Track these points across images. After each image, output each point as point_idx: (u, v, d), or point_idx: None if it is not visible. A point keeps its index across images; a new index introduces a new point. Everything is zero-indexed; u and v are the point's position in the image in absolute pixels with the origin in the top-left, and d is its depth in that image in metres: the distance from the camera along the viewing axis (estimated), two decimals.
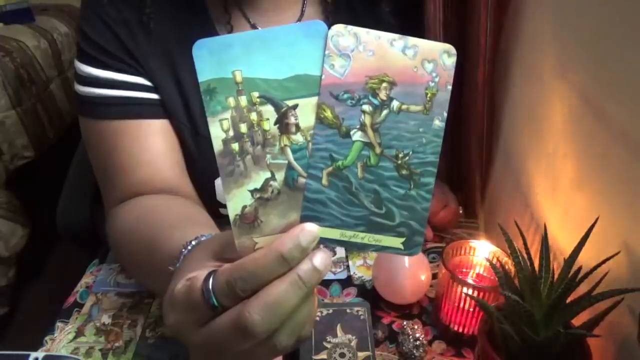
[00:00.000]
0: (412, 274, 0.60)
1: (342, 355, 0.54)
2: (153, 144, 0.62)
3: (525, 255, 0.45)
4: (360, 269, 0.70)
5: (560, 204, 0.54)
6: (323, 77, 0.30)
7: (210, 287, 0.31)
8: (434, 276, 0.64)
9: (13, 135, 1.54)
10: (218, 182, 0.66)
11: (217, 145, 0.31)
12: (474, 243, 0.60)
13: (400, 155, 0.31)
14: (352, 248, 0.31)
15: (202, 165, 0.66)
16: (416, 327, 0.57)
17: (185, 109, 0.63)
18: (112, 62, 0.60)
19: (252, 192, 0.31)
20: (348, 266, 0.70)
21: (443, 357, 0.57)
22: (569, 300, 0.42)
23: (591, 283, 0.42)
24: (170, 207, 0.58)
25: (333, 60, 0.30)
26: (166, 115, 0.63)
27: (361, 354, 0.54)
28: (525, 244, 0.46)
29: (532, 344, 0.42)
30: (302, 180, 0.31)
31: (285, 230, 0.31)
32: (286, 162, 0.31)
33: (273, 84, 0.30)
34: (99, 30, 0.59)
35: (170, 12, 0.61)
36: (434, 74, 0.30)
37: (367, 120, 0.31)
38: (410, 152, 0.31)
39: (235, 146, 0.31)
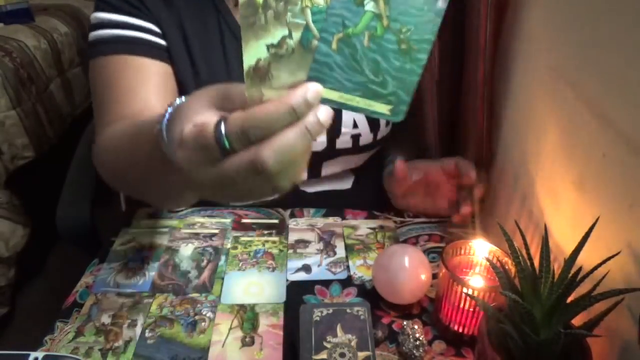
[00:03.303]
0: (412, 274, 0.60)
1: (342, 355, 0.54)
2: (152, 82, 0.66)
3: (525, 255, 0.45)
4: (360, 269, 0.70)
5: (561, 204, 0.54)
6: None
7: (223, 131, 0.34)
8: (434, 276, 0.64)
9: (13, 135, 1.54)
10: None
11: None
12: (474, 243, 0.60)
13: (404, 30, 0.33)
14: (346, 109, 0.34)
15: None
16: (416, 327, 0.57)
17: (188, 56, 0.69)
18: (126, 7, 0.66)
19: (269, 46, 0.33)
20: (348, 266, 0.70)
21: (443, 357, 0.57)
22: (569, 300, 0.42)
23: (591, 283, 0.42)
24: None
25: None
26: (170, 62, 0.68)
27: (361, 354, 0.54)
28: (525, 244, 0.46)
29: (532, 344, 0.42)
30: (315, 42, 0.33)
31: (291, 87, 0.33)
32: (304, 22, 0.33)
33: None
34: None
35: None
36: None
37: None
38: (412, 28, 0.33)
39: None
